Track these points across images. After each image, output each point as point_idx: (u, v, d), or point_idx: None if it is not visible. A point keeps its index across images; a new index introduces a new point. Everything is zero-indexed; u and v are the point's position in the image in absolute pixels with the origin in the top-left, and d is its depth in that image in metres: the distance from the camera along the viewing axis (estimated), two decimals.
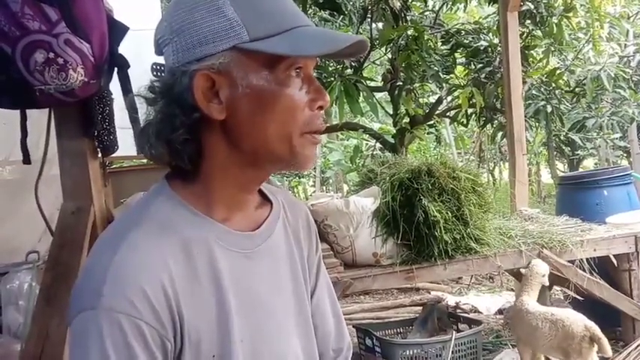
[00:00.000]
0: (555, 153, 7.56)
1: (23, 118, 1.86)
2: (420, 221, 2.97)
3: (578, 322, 2.65)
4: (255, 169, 0.88)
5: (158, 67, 0.87)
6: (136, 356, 0.77)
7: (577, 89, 5.37)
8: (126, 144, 2.04)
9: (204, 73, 0.81)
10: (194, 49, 0.82)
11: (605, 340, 2.59)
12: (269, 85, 0.82)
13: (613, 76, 4.96)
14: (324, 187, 10.75)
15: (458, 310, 4.19)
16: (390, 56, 5.51)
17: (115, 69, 1.84)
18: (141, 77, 1.96)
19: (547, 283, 2.97)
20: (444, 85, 5.49)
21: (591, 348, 2.62)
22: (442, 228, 2.98)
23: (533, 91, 5.10)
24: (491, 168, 10.24)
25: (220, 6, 0.81)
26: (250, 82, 0.82)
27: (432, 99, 6.44)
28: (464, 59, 5.46)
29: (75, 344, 0.79)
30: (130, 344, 0.76)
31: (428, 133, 6.51)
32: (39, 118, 2.02)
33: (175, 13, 0.84)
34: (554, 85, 5.20)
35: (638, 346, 3.16)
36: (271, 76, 0.82)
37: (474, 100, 4.95)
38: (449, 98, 5.98)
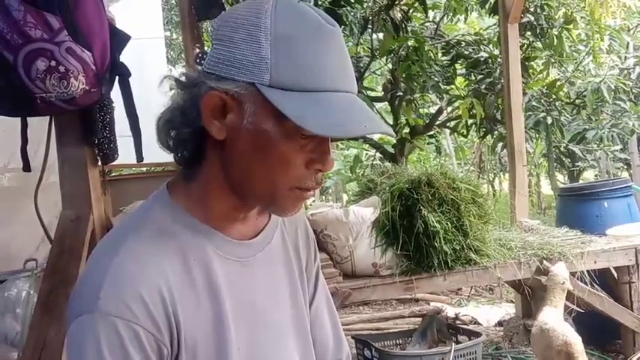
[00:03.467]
0: (555, 164, 7.56)
1: (24, 126, 1.86)
2: (419, 232, 2.96)
3: (559, 335, 2.65)
4: (239, 198, 0.87)
5: (201, 56, 0.86)
6: None
7: (577, 101, 5.39)
8: (126, 152, 2.04)
9: (217, 93, 0.80)
10: (222, 65, 0.81)
11: None
12: (272, 132, 0.80)
13: (613, 88, 4.98)
14: (324, 197, 10.74)
15: (457, 322, 4.17)
16: (390, 66, 5.53)
17: (117, 77, 1.84)
18: (142, 86, 1.97)
19: (571, 288, 2.95)
20: (444, 95, 5.51)
21: None
22: (442, 239, 2.97)
23: (534, 103, 5.11)
24: (491, 179, 10.24)
25: (259, 38, 0.79)
26: (256, 121, 0.80)
27: (433, 109, 6.46)
28: (464, 70, 5.48)
29: (72, 348, 0.79)
30: (126, 348, 0.77)
31: (428, 144, 6.53)
32: (39, 125, 2.02)
33: (226, 20, 0.82)
34: (554, 96, 5.21)
35: (638, 359, 3.14)
36: (277, 126, 0.80)
37: (474, 111, 4.96)
38: (449, 109, 6.00)
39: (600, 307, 3.28)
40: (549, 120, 4.99)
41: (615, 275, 3.42)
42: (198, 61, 0.85)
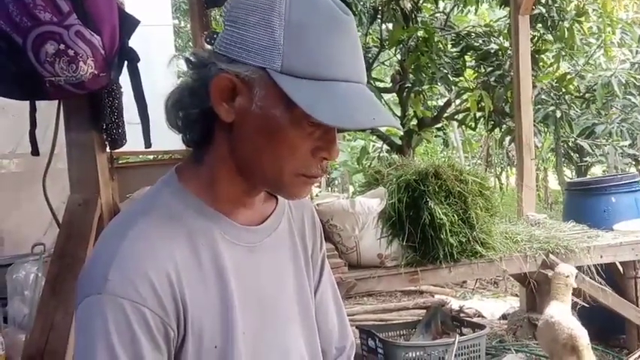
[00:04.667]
0: (563, 159, 7.51)
1: (32, 110, 1.86)
2: (425, 223, 2.96)
3: (565, 329, 2.66)
4: (247, 181, 0.88)
5: (212, 36, 0.85)
6: (138, 342, 0.77)
7: (587, 95, 5.35)
8: (133, 140, 2.04)
9: (228, 76, 0.80)
10: (234, 47, 0.80)
11: (584, 353, 2.58)
12: (280, 118, 0.80)
13: (624, 82, 4.93)
14: (330, 188, 10.74)
15: (461, 314, 4.17)
16: (399, 57, 5.51)
17: (125, 62, 1.84)
18: (150, 73, 1.97)
19: (575, 285, 2.94)
20: (452, 87, 5.48)
21: (573, 356, 2.61)
22: (448, 231, 2.97)
23: (543, 96, 5.07)
24: (498, 173, 10.20)
25: (273, 23, 0.78)
26: (265, 106, 0.80)
27: (441, 102, 6.43)
28: (474, 62, 5.44)
29: (80, 328, 0.80)
30: (133, 329, 0.77)
31: (435, 136, 6.50)
32: (47, 110, 2.02)
33: (240, 2, 0.81)
34: (564, 90, 5.18)
35: None
36: (286, 112, 0.79)
37: (482, 104, 4.94)
38: (457, 101, 5.97)
39: (605, 302, 3.27)
40: (558, 114, 4.96)
41: (621, 270, 3.40)
42: (208, 40, 0.84)
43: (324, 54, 0.79)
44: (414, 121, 5.64)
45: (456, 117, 6.11)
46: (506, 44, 5.07)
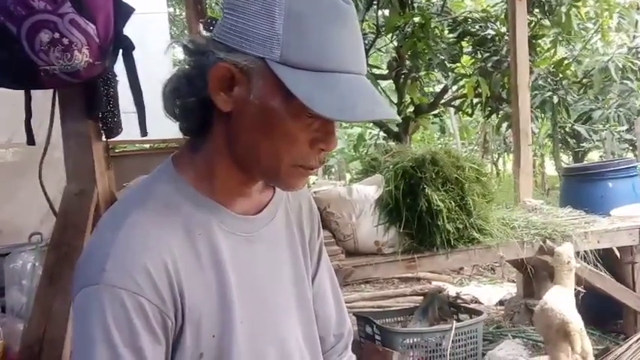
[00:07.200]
0: (560, 145, 7.51)
1: (27, 99, 1.85)
2: (422, 210, 2.96)
3: (557, 314, 2.67)
4: (243, 172, 0.87)
5: (210, 22, 0.84)
6: (137, 332, 0.77)
7: (584, 80, 5.33)
8: (129, 129, 2.04)
9: (226, 66, 0.79)
10: (233, 36, 0.79)
11: (575, 338, 2.60)
12: (278, 109, 0.79)
13: (621, 67, 4.92)
14: (327, 175, 10.74)
15: (459, 301, 4.19)
16: (395, 44, 5.48)
17: (120, 51, 1.83)
18: (145, 62, 1.96)
19: (577, 266, 2.95)
20: (449, 73, 5.46)
21: (566, 342, 2.64)
22: (445, 217, 2.97)
23: (540, 82, 5.06)
24: (495, 159, 10.21)
25: (273, 13, 0.77)
26: (263, 96, 0.79)
27: (438, 88, 6.42)
28: (470, 48, 5.42)
29: (78, 319, 0.80)
30: (132, 320, 0.77)
31: (432, 123, 6.49)
32: (43, 99, 2.01)
33: None
34: (561, 75, 5.16)
35: (639, 339, 3.16)
36: (284, 103, 0.79)
37: (479, 90, 4.92)
38: (454, 87, 5.95)
39: (602, 287, 3.29)
40: (555, 99, 4.95)
41: (618, 255, 3.42)
42: (206, 27, 0.83)
43: (324, 45, 0.78)
44: (411, 108, 5.63)
45: (452, 103, 6.10)
46: (504, 30, 5.05)
